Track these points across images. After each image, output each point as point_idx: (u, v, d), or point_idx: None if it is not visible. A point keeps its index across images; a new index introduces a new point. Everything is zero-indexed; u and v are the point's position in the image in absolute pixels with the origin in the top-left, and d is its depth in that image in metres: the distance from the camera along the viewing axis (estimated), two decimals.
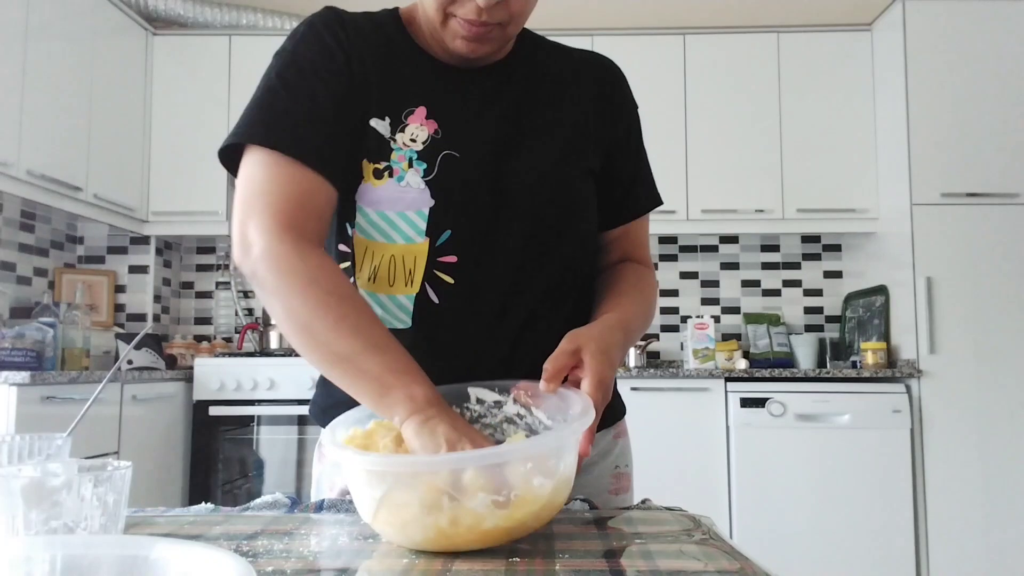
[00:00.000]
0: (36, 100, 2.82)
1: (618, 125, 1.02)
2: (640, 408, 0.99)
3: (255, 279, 0.83)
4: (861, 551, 2.99)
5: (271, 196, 0.84)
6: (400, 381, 0.76)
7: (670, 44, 3.56)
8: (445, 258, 0.90)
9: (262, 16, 3.61)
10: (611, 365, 0.80)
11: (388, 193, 0.89)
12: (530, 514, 0.64)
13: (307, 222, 0.85)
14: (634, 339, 0.92)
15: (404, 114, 0.91)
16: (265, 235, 0.82)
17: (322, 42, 0.91)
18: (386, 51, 0.94)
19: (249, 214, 0.84)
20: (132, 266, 3.62)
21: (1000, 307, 3.09)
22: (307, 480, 3.18)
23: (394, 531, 0.65)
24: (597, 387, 0.76)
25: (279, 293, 0.82)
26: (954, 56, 3.22)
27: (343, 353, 0.79)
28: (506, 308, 0.92)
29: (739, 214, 3.48)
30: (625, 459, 1.04)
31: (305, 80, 0.89)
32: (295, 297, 0.81)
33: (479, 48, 0.90)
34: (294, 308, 0.81)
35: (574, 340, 0.80)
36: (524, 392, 0.80)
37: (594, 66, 1.03)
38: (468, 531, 0.62)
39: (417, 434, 0.71)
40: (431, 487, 0.62)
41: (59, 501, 0.52)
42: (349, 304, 0.81)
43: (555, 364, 0.78)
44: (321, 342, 0.80)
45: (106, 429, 2.73)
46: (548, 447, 0.67)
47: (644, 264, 1.05)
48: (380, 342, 0.79)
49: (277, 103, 0.87)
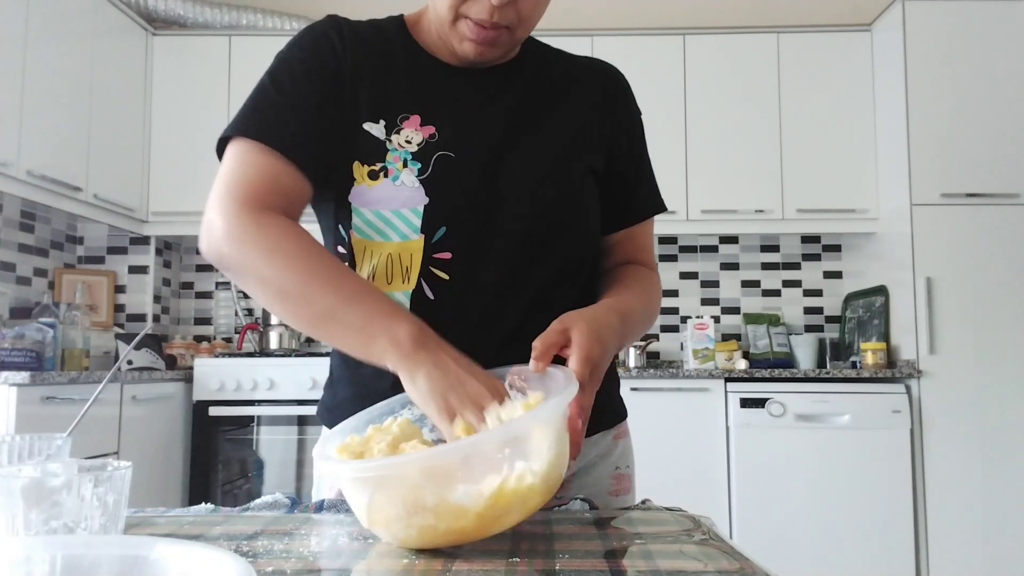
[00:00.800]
0: (36, 100, 2.82)
1: (621, 130, 1.03)
2: (640, 408, 0.99)
3: (222, 261, 0.84)
4: (861, 551, 2.99)
5: (234, 179, 0.85)
6: (382, 326, 0.76)
7: (670, 44, 3.56)
8: (440, 254, 0.91)
9: (262, 16, 3.61)
10: (601, 344, 0.79)
11: (383, 192, 0.90)
12: (516, 500, 0.63)
13: (268, 197, 0.85)
14: (632, 329, 0.91)
15: (399, 118, 0.92)
16: (224, 216, 0.83)
17: (316, 46, 0.93)
18: (385, 56, 0.95)
19: (212, 202, 0.85)
20: (132, 266, 3.62)
21: (1000, 307, 3.09)
22: (307, 480, 3.18)
23: (386, 532, 0.65)
24: (584, 363, 0.75)
25: (247, 267, 0.82)
26: (954, 56, 3.22)
27: (322, 310, 0.79)
28: (501, 304, 0.92)
29: (739, 214, 3.49)
30: (626, 460, 1.04)
31: (294, 82, 0.91)
32: (263, 265, 0.81)
33: (487, 52, 0.91)
34: (265, 276, 0.82)
35: (565, 320, 0.80)
36: (518, 376, 0.80)
37: (598, 73, 1.04)
38: (454, 524, 0.62)
39: (418, 379, 0.72)
40: (411, 485, 0.62)
41: (59, 501, 0.52)
42: (317, 261, 0.81)
43: (544, 342, 0.77)
44: (300, 304, 0.80)
45: (106, 429, 2.73)
46: (521, 429, 0.65)
47: (648, 266, 1.06)
48: (356, 291, 0.80)
49: (263, 101, 0.90)
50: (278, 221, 0.84)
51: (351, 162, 0.91)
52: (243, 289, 0.85)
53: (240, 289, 3.79)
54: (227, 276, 0.87)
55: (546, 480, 0.65)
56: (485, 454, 0.63)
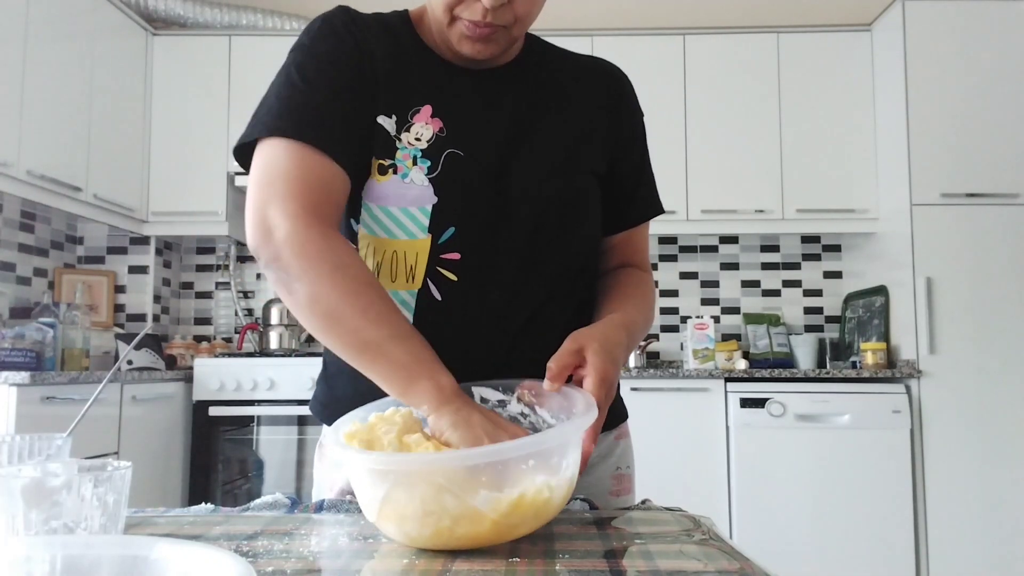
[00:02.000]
0: (36, 100, 2.82)
1: (623, 131, 1.03)
2: (640, 408, 1.00)
3: (278, 263, 0.82)
4: (861, 551, 2.99)
5: (294, 182, 0.83)
6: (427, 371, 0.76)
7: (670, 44, 3.56)
8: (448, 255, 0.90)
9: (262, 16, 3.61)
10: (614, 364, 0.81)
11: (392, 189, 0.90)
12: (531, 512, 0.64)
13: (328, 208, 0.85)
14: (636, 341, 0.93)
15: (410, 113, 0.92)
16: (289, 219, 0.81)
17: (338, 36, 0.92)
18: (394, 50, 0.95)
19: (270, 198, 0.82)
20: (132, 266, 3.62)
21: (1000, 307, 3.09)
22: (307, 480, 3.18)
23: (396, 529, 0.65)
24: (600, 385, 0.77)
25: (305, 278, 0.81)
26: (954, 56, 3.22)
27: (370, 340, 0.79)
28: (509, 306, 0.92)
29: (739, 214, 3.48)
30: (626, 461, 1.04)
31: (323, 73, 0.89)
32: (323, 283, 0.80)
33: (484, 50, 0.91)
34: (321, 294, 0.80)
35: (578, 340, 0.81)
36: (528, 391, 0.81)
37: (601, 73, 1.04)
38: (469, 529, 0.62)
39: (454, 425, 0.72)
40: (433, 485, 0.62)
41: (59, 501, 0.52)
42: (375, 292, 0.81)
43: (559, 363, 0.78)
44: (349, 329, 0.80)
45: (106, 429, 2.73)
46: (551, 443, 0.67)
47: (643, 269, 1.07)
48: (405, 331, 0.80)
49: (296, 95, 0.88)
50: (342, 242, 0.83)
51: (370, 156, 0.91)
52: (282, 297, 0.84)
53: (240, 289, 3.79)
54: (269, 278, 0.86)
55: (562, 496, 0.68)
56: (512, 463, 0.64)
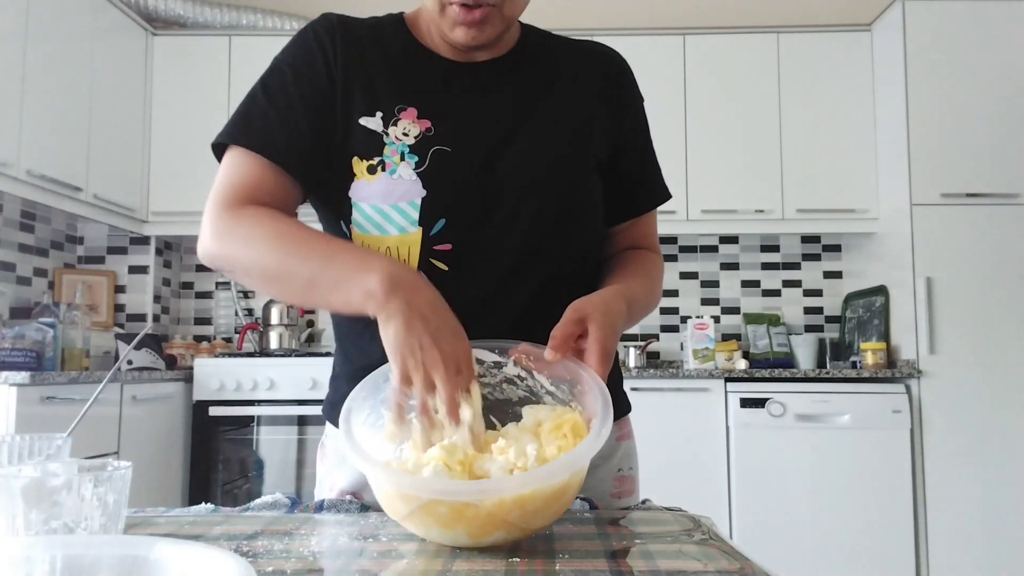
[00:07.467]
0: (36, 100, 2.82)
1: (625, 118, 1.02)
2: (640, 408, 0.99)
3: (214, 261, 0.87)
4: (861, 551, 2.99)
5: (220, 186, 0.89)
6: (356, 282, 0.77)
7: (670, 44, 3.56)
8: (440, 246, 0.91)
9: (262, 16, 3.61)
10: (615, 335, 0.82)
11: (381, 186, 0.90)
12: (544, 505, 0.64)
13: (251, 197, 0.88)
14: (637, 313, 0.93)
15: (396, 109, 0.92)
16: (208, 217, 0.87)
17: (306, 48, 0.95)
18: (381, 50, 0.96)
19: (207, 206, 0.89)
20: (132, 266, 3.62)
21: (1000, 307, 3.09)
22: (307, 480, 3.18)
23: (422, 533, 0.67)
24: (601, 360, 0.77)
25: (232, 259, 0.86)
26: (954, 56, 3.22)
27: (305, 281, 0.82)
28: (502, 295, 0.92)
29: (739, 214, 3.48)
30: (629, 462, 1.03)
31: (283, 87, 0.93)
32: (244, 253, 0.85)
33: (479, 35, 0.90)
34: (249, 264, 0.85)
35: (579, 309, 0.81)
36: (525, 356, 0.80)
37: (599, 58, 1.03)
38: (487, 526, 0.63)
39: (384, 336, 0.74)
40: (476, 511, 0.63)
41: (59, 501, 0.52)
42: (290, 236, 0.84)
43: (562, 332, 0.79)
44: (284, 281, 0.83)
45: (106, 429, 2.73)
46: (582, 460, 0.67)
47: (653, 251, 1.07)
48: (328, 252, 0.82)
49: (254, 107, 0.92)
50: (252, 210, 0.86)
51: (350, 158, 0.91)
52: (239, 282, 0.88)
53: (240, 289, 3.79)
54: (225, 275, 0.89)
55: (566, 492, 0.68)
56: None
